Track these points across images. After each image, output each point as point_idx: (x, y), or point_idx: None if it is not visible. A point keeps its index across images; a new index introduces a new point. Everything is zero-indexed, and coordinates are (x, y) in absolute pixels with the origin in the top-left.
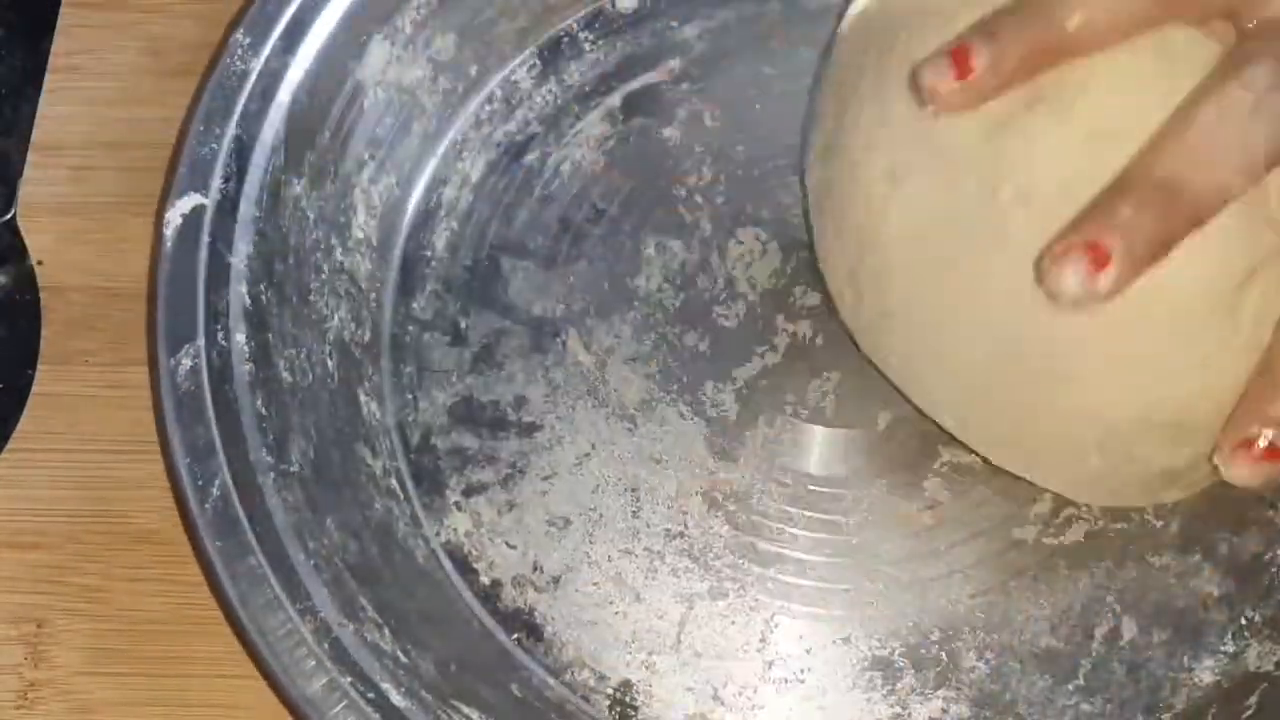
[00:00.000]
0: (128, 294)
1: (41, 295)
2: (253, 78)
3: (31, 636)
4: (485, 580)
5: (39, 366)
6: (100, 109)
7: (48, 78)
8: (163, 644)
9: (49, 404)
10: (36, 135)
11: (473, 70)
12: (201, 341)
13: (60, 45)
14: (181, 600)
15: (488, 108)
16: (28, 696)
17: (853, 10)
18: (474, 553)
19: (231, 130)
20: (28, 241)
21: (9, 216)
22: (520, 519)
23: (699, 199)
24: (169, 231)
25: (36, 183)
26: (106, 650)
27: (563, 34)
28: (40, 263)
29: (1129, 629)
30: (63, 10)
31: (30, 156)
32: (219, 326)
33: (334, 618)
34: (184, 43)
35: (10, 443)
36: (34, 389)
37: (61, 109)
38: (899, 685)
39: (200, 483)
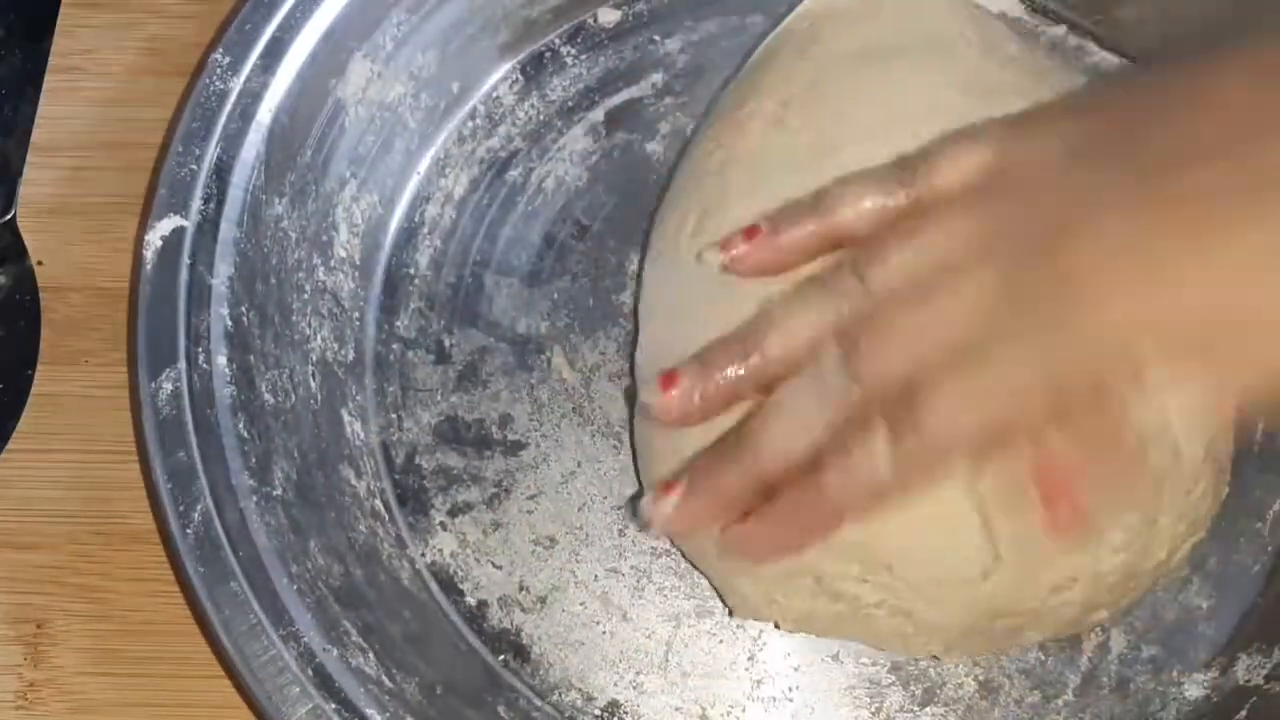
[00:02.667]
0: (127, 294)
1: (41, 295)
2: (232, 98)
3: (31, 636)
4: (471, 601)
5: (39, 366)
6: (100, 109)
7: (48, 78)
8: (163, 644)
9: (49, 404)
10: (36, 135)
11: (455, 86)
12: (183, 364)
13: (60, 45)
14: (180, 600)
15: (470, 124)
16: (28, 697)
17: None
18: (460, 573)
19: (211, 151)
20: (28, 242)
21: (9, 217)
22: (506, 539)
23: None
24: (149, 254)
25: (37, 183)
26: (106, 650)
27: (545, 49)
28: (40, 263)
29: (1118, 643)
30: (63, 11)
31: (30, 156)
32: (200, 349)
33: (318, 643)
34: (184, 43)
35: (10, 443)
36: (34, 389)
37: (61, 109)
38: (887, 702)
39: (182, 508)
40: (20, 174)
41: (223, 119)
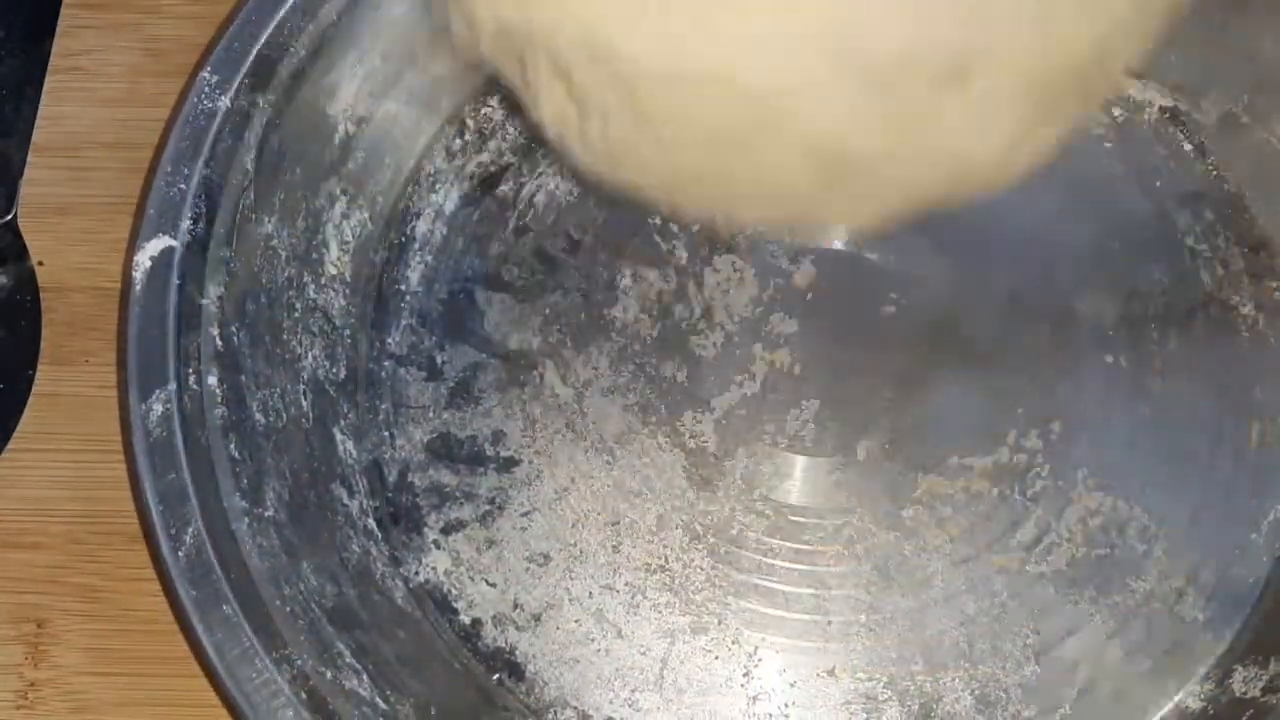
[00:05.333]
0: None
1: (42, 296)
2: (220, 116)
3: (32, 636)
4: (465, 619)
5: (39, 366)
6: (100, 109)
7: (48, 78)
8: (162, 644)
9: (49, 404)
10: (37, 136)
11: (444, 102)
12: (173, 386)
13: (61, 46)
14: None
15: (460, 139)
16: (28, 696)
17: None
18: (453, 591)
19: (200, 170)
20: (28, 242)
21: (10, 217)
22: (500, 556)
23: (674, 227)
24: (138, 274)
25: (37, 183)
26: (106, 650)
27: None
28: (41, 263)
29: (1114, 656)
30: (63, 11)
31: (31, 157)
32: (190, 370)
33: (311, 666)
34: (184, 43)
35: (10, 443)
36: (34, 389)
37: (62, 109)
38: (883, 718)
39: (173, 530)
40: (21, 174)
41: (211, 138)
